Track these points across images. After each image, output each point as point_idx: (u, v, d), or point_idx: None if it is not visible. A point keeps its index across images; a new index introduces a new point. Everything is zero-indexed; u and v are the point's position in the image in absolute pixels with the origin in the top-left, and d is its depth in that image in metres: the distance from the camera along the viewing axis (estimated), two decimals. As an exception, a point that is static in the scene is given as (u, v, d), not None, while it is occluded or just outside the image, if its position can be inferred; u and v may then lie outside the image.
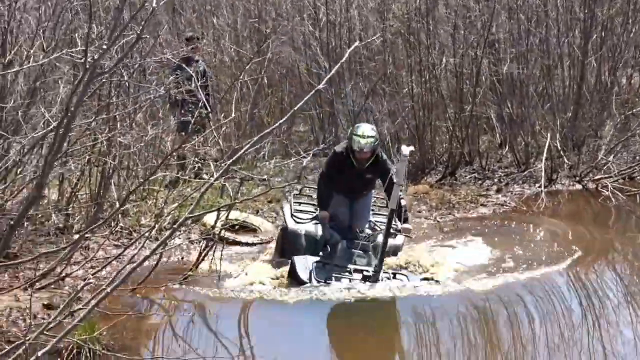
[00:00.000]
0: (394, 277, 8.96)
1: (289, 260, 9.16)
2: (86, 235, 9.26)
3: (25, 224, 9.41)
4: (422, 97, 14.90)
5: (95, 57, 3.63)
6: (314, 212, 10.01)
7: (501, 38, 15.10)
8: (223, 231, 9.88)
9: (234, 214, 10.74)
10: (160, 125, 11.73)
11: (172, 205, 11.99)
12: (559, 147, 14.21)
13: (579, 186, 14.06)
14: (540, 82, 15.43)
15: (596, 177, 13.97)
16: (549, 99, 15.10)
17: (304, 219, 9.89)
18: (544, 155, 13.80)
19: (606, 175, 13.82)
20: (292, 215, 10.02)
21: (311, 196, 10.69)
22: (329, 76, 5.60)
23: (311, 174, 14.54)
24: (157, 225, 9.90)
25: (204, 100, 13.17)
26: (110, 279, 7.81)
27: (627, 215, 12.99)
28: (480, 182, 14.38)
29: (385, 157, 9.59)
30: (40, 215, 10.32)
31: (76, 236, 10.01)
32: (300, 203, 10.55)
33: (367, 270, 8.82)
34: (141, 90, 10.77)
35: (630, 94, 15.90)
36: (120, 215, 10.69)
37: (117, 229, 10.66)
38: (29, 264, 9.40)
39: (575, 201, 13.62)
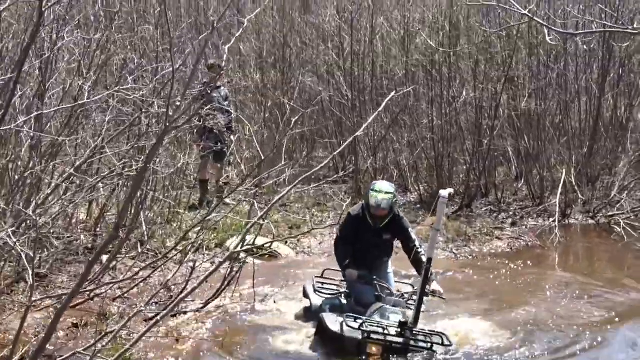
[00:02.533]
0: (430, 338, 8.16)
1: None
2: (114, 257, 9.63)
3: (56, 242, 9.71)
4: (441, 129, 15.23)
5: (171, 113, 3.96)
6: (338, 289, 9.38)
7: (520, 74, 15.40)
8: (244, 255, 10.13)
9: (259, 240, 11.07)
10: (187, 152, 12.15)
11: (196, 228, 12.43)
12: (574, 182, 14.49)
13: (592, 222, 14.34)
14: (557, 116, 15.73)
15: (609, 214, 14.26)
16: (565, 133, 15.38)
17: (327, 293, 9.30)
18: (559, 190, 14.08)
19: (619, 212, 14.12)
20: (315, 291, 9.33)
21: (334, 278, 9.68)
22: (369, 122, 5.87)
23: (330, 201, 14.93)
24: (186, 247, 10.22)
25: (225, 124, 13.68)
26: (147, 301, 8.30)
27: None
28: (495, 214, 14.66)
29: (402, 214, 9.13)
30: (69, 236, 10.65)
31: (104, 256, 10.39)
32: (323, 283, 9.62)
33: (404, 323, 8.05)
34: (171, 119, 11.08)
35: (646, 132, 16.18)
36: (147, 238, 11.04)
37: (144, 250, 10.97)
38: (59, 283, 9.82)
39: (588, 237, 13.88)
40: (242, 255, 9.92)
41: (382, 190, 8.66)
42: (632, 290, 11.01)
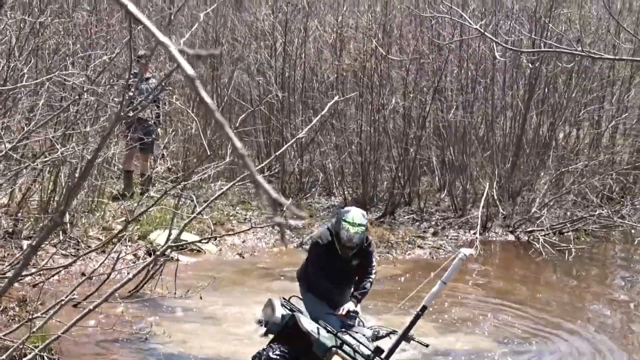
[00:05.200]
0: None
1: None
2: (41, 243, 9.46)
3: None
4: (369, 136, 15.31)
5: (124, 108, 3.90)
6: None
7: (450, 86, 15.56)
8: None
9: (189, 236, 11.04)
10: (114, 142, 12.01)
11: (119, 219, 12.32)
12: (496, 197, 14.70)
13: (511, 236, 14.57)
14: (482, 130, 15.96)
15: (528, 229, 14.50)
16: (489, 147, 15.60)
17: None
18: (482, 203, 14.27)
19: (538, 229, 14.35)
20: (282, 304, 8.33)
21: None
22: (309, 127, 5.80)
23: (255, 200, 14.88)
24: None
25: (155, 116, 13.57)
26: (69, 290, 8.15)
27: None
28: (417, 223, 14.79)
29: (370, 238, 8.44)
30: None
31: (24, 241, 10.22)
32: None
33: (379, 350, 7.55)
34: (100, 105, 10.90)
35: (567, 151, 16.46)
36: (69, 225, 10.89)
37: (66, 238, 10.83)
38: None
39: (507, 251, 14.11)
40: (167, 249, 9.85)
41: (355, 223, 7.88)
42: (544, 307, 11.29)
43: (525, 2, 16.15)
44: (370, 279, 8.25)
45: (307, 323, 7.79)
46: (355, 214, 7.96)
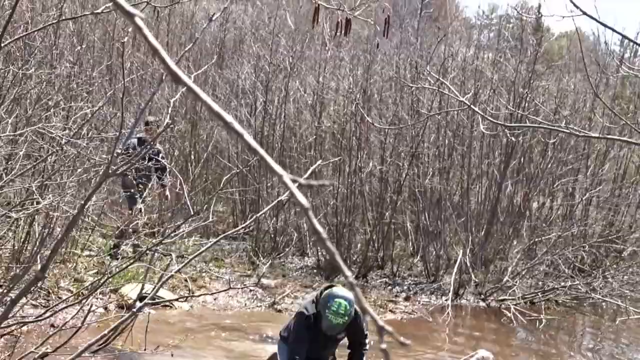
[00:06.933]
0: None
1: None
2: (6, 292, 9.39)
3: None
4: (345, 198, 15.38)
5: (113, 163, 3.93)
6: None
7: (427, 151, 15.69)
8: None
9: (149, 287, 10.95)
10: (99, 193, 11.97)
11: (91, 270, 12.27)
12: (469, 264, 14.75)
13: (483, 304, 14.60)
14: (457, 196, 16.06)
15: (500, 298, 14.55)
16: (464, 214, 15.69)
17: None
18: (455, 269, 14.31)
19: (510, 297, 14.40)
20: None
21: None
22: (287, 192, 5.66)
23: (228, 257, 14.87)
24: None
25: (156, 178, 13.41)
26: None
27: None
28: (390, 287, 14.78)
29: (360, 312, 7.53)
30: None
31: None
32: None
33: None
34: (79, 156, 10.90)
35: (540, 221, 16.58)
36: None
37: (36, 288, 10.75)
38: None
39: (478, 319, 14.12)
40: (138, 303, 9.80)
41: (340, 313, 7.45)
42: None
43: (504, 72, 16.38)
44: (364, 354, 8.07)
45: None
46: (342, 303, 7.45)
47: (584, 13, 4.99)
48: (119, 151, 11.15)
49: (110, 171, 3.88)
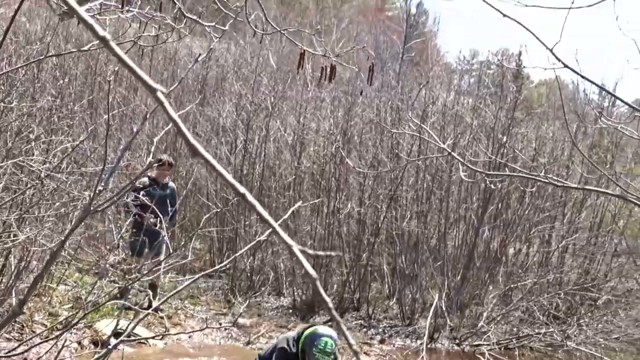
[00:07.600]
0: None
1: None
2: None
3: None
4: (322, 239, 15.39)
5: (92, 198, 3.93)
6: None
7: (405, 194, 15.76)
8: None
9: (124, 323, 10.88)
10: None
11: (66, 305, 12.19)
12: (444, 308, 14.75)
13: (458, 348, 14.59)
14: (434, 240, 16.10)
15: (475, 343, 14.55)
16: (440, 258, 15.71)
17: None
18: (430, 313, 14.30)
19: (484, 343, 14.40)
20: None
21: None
22: (268, 232, 5.64)
23: (204, 295, 14.81)
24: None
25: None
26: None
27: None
28: (365, 329, 14.76)
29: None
30: None
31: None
32: None
33: None
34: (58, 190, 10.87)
35: (516, 267, 16.62)
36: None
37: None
38: None
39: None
40: (113, 340, 9.73)
41: (328, 352, 7.67)
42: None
43: (484, 118, 16.50)
44: None
45: None
46: (328, 342, 7.70)
47: (566, 66, 5.06)
48: (101, 188, 11.01)
49: (92, 208, 3.88)
